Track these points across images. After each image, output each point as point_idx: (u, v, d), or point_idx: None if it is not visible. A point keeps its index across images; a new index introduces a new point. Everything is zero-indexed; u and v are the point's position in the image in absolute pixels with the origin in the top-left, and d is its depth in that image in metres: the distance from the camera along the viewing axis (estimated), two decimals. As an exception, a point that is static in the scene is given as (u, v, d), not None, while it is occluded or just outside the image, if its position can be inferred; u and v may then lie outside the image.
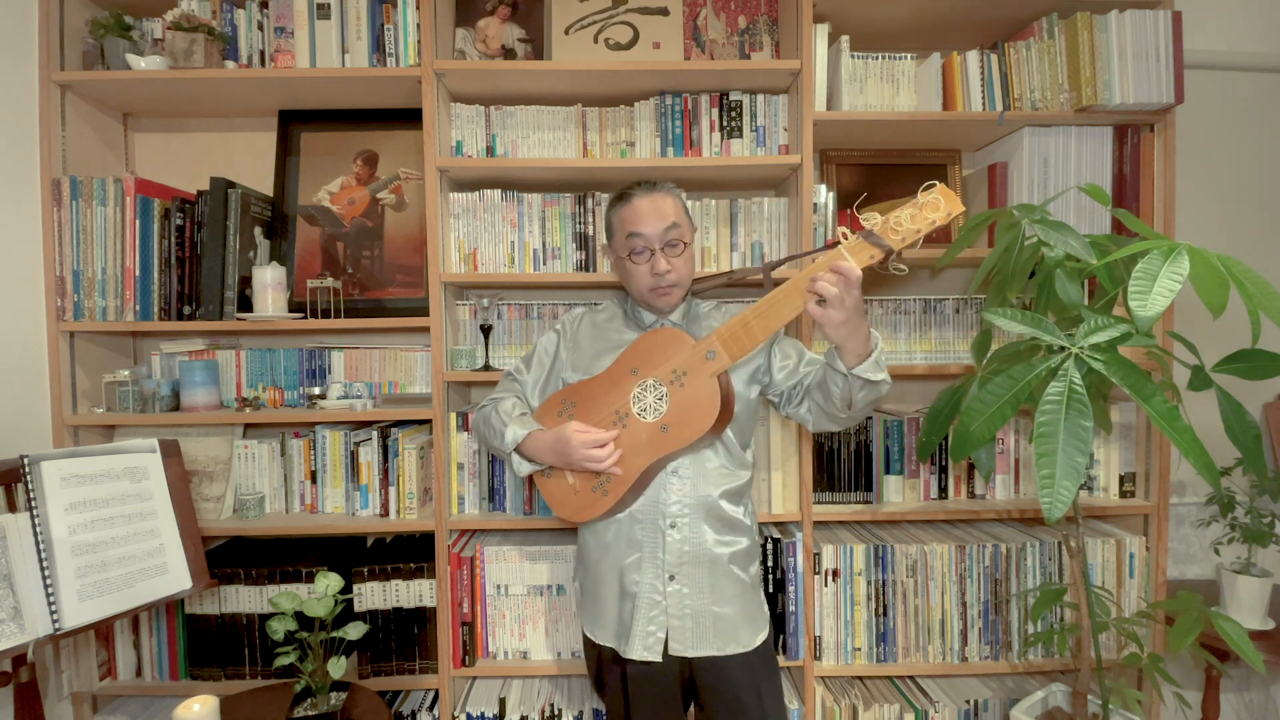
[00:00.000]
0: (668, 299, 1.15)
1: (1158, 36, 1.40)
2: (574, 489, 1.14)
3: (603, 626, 1.18)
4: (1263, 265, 1.67)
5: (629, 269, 1.15)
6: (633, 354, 1.10)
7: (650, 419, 1.07)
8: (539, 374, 1.27)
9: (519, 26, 1.59)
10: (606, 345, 1.20)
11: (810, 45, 1.45)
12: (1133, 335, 0.95)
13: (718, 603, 1.12)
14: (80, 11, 1.52)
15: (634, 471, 1.07)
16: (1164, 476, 1.50)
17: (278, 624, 1.26)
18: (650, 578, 1.11)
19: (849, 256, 0.94)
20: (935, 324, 1.57)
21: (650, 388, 1.08)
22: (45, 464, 1.11)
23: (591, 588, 1.20)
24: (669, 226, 1.12)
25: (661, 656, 1.11)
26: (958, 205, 0.94)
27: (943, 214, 0.93)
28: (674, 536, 1.11)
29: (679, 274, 1.14)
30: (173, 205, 1.51)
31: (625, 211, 1.15)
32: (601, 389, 1.12)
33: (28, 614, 1.05)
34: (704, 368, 1.04)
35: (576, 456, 1.07)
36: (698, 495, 1.12)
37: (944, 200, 0.93)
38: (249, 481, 1.59)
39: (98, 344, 1.59)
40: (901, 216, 0.93)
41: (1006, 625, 1.51)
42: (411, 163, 1.63)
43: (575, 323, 1.27)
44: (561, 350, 1.25)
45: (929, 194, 0.94)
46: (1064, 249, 1.10)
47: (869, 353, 1.00)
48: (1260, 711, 1.79)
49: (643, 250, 1.13)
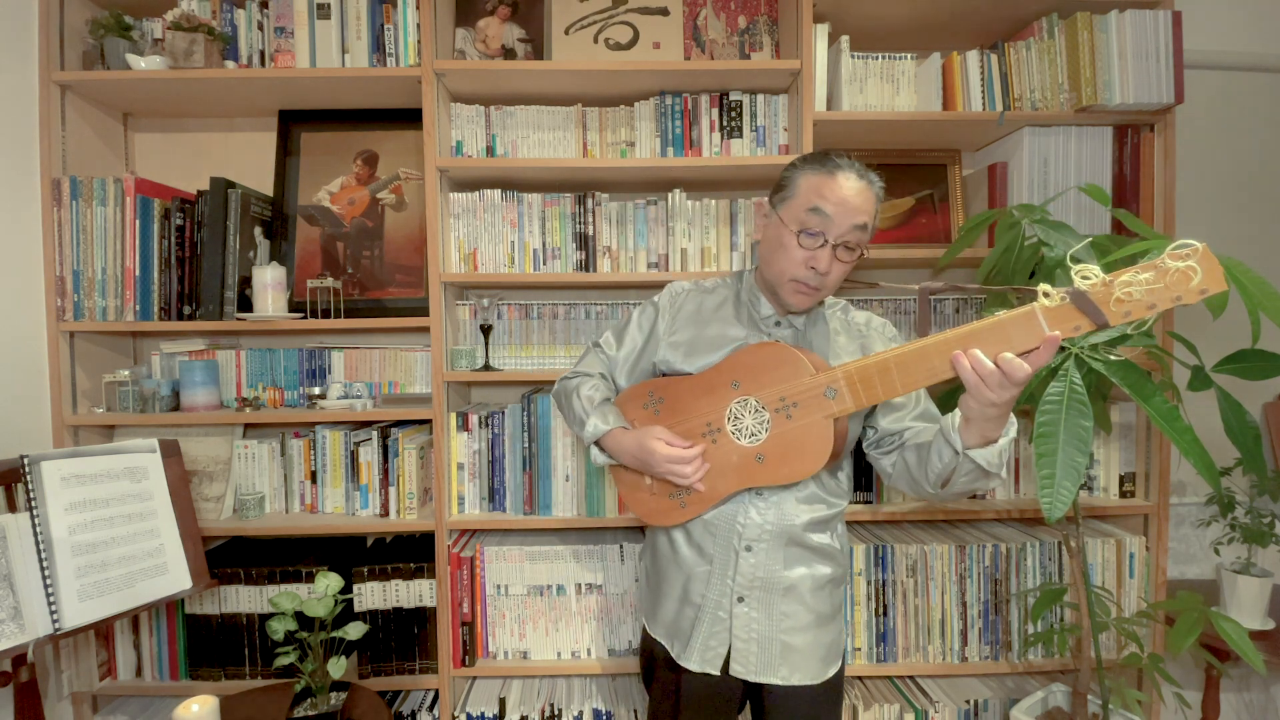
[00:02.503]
0: (803, 300, 0.99)
1: (1158, 36, 1.40)
2: (650, 490, 1.06)
3: (657, 621, 1.11)
4: (1263, 265, 1.67)
5: (784, 243, 0.97)
6: (737, 364, 0.96)
7: (745, 443, 0.95)
8: (630, 350, 1.13)
9: (519, 26, 1.59)
10: (709, 334, 1.06)
11: (810, 45, 1.45)
12: (1132, 335, 0.96)
13: (789, 632, 1.02)
14: (80, 11, 1.52)
15: (718, 494, 0.99)
16: (1164, 476, 1.50)
17: (278, 624, 1.26)
18: (717, 594, 1.03)
19: (1044, 321, 0.72)
20: (935, 324, 1.57)
21: (751, 408, 0.94)
22: (45, 464, 1.11)
23: (655, 582, 1.13)
24: (858, 226, 0.94)
25: (719, 671, 1.03)
26: (1220, 283, 0.68)
27: (1195, 291, 0.68)
28: (748, 560, 1.01)
29: (832, 280, 0.97)
30: (173, 205, 1.51)
31: (823, 181, 0.94)
32: (696, 393, 1.00)
33: (28, 614, 1.05)
34: (820, 405, 0.88)
35: (660, 470, 0.98)
36: (781, 523, 1.00)
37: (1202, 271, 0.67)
38: (249, 481, 1.59)
39: (98, 344, 1.59)
40: (1136, 284, 0.69)
41: (1006, 625, 1.51)
42: (411, 163, 1.63)
43: (680, 298, 1.12)
44: (660, 325, 1.11)
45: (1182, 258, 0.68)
46: (1064, 249, 1.10)
47: (997, 438, 0.84)
48: (1260, 711, 1.79)
49: (817, 234, 0.94)
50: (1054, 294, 0.72)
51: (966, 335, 0.77)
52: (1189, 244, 0.68)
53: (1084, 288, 0.71)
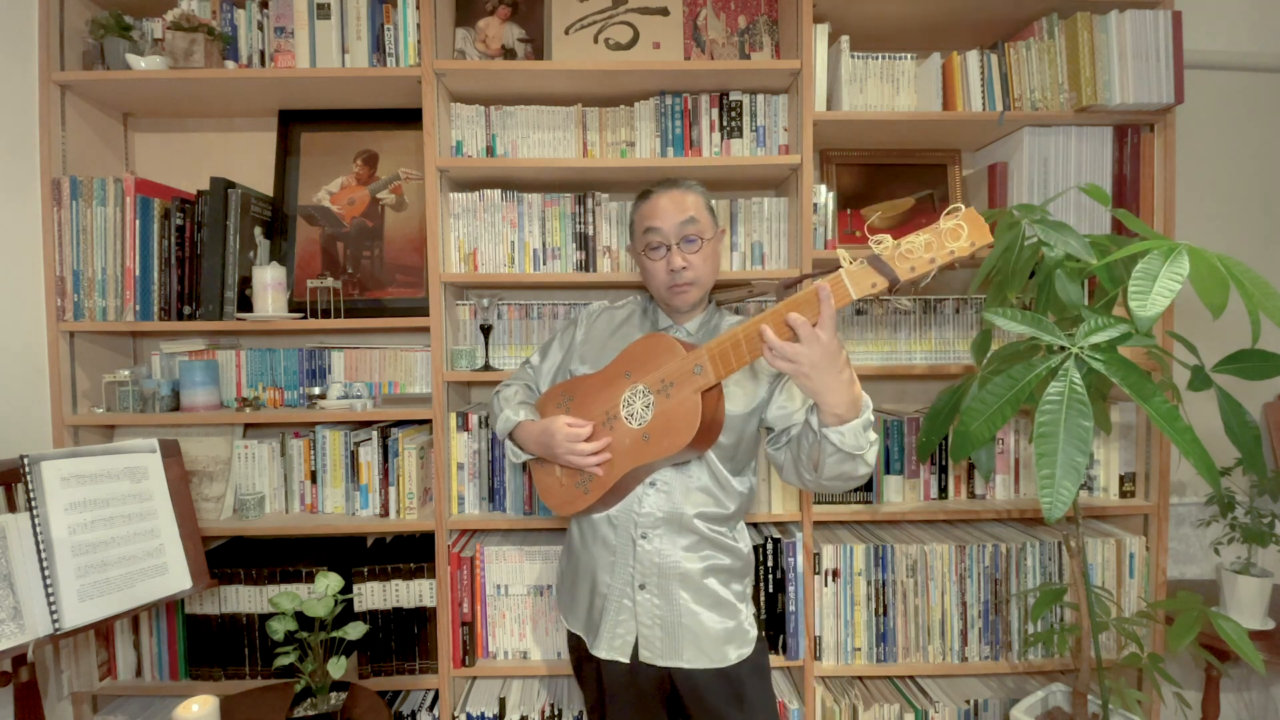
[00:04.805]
0: (684, 297, 1.12)
1: (1158, 36, 1.40)
2: (560, 481, 1.14)
3: (575, 615, 1.17)
4: (1263, 265, 1.67)
5: (646, 266, 1.13)
6: (628, 357, 1.08)
7: (635, 425, 1.04)
8: (553, 361, 1.26)
9: (519, 26, 1.59)
10: (616, 342, 1.18)
11: (810, 45, 1.45)
12: (1133, 335, 0.96)
13: (689, 616, 1.08)
14: (80, 11, 1.52)
15: (614, 475, 1.06)
16: (1164, 476, 1.50)
17: (278, 624, 1.26)
18: (621, 583, 1.10)
19: (848, 283, 0.85)
20: (935, 324, 1.57)
21: (640, 394, 1.04)
22: (45, 464, 1.11)
23: (570, 576, 1.20)
24: (686, 220, 1.09)
25: (629, 659, 1.10)
26: (985, 235, 0.81)
27: (965, 244, 0.81)
28: (644, 547, 1.08)
29: (696, 271, 1.10)
30: (173, 205, 1.51)
31: (645, 207, 1.14)
32: (597, 387, 1.11)
33: (28, 614, 1.05)
34: (690, 381, 0.98)
35: (560, 450, 1.06)
36: (673, 510, 1.08)
37: (968, 228, 0.81)
38: (249, 481, 1.59)
39: (98, 344, 1.59)
40: (916, 243, 0.83)
41: (1006, 625, 1.51)
42: (411, 163, 1.63)
43: (595, 315, 1.25)
44: (577, 339, 1.23)
45: (951, 219, 0.82)
46: (1064, 249, 1.10)
47: (854, 417, 0.91)
48: (1260, 711, 1.79)
49: (659, 246, 1.10)
50: (852, 260, 0.86)
51: (787, 304, 0.89)
52: (959, 207, 0.83)
53: (877, 250, 0.85)
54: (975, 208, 0.86)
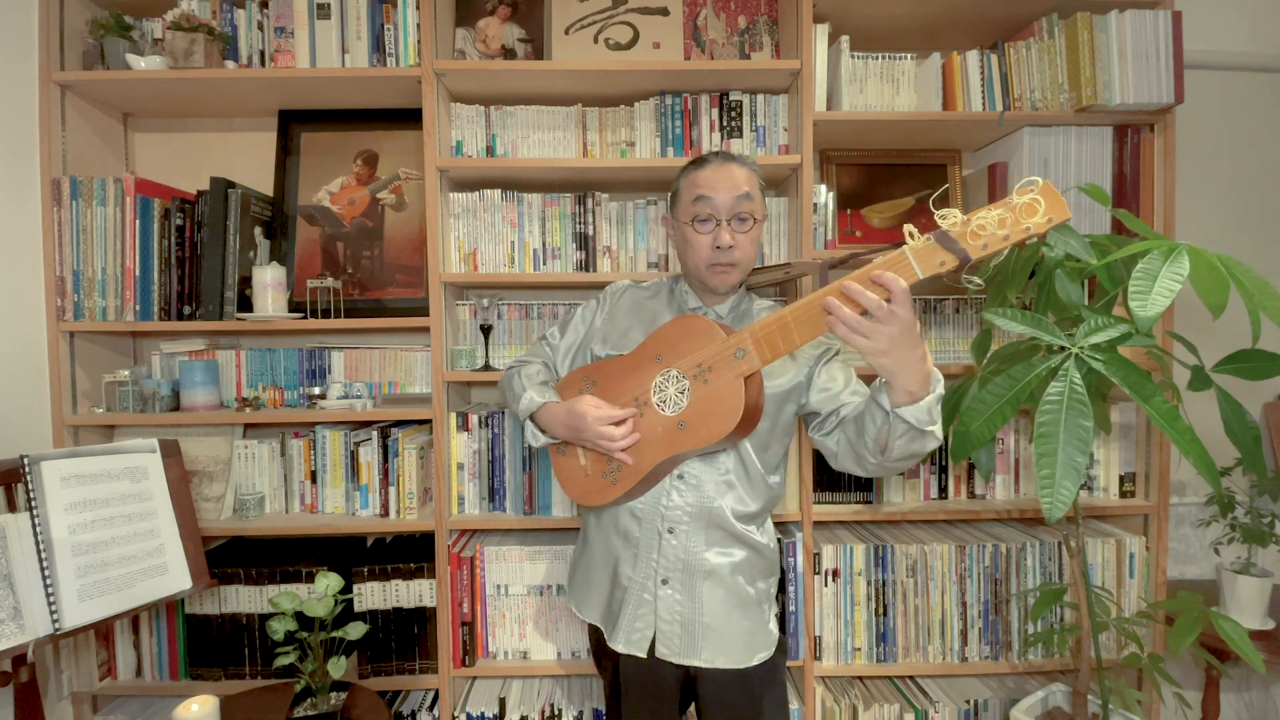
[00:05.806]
0: (725, 278, 1.07)
1: (1158, 36, 1.40)
2: (585, 470, 1.09)
3: (590, 606, 1.14)
4: (1263, 265, 1.67)
5: (689, 238, 1.06)
6: (660, 339, 1.02)
7: (669, 412, 0.99)
8: (572, 340, 1.21)
9: (519, 26, 1.59)
10: (641, 323, 1.13)
11: (810, 45, 1.45)
12: (1133, 335, 0.95)
13: (711, 615, 1.05)
14: (80, 11, 1.52)
15: (646, 465, 1.01)
16: (1164, 476, 1.50)
17: (278, 624, 1.26)
18: (643, 577, 1.07)
19: (914, 261, 0.79)
20: (935, 324, 1.57)
21: (673, 379, 0.99)
22: (45, 464, 1.11)
23: (585, 566, 1.17)
24: (741, 195, 1.03)
25: (647, 654, 1.07)
26: (1064, 211, 0.75)
27: (1041, 219, 0.75)
28: (670, 541, 1.05)
29: (742, 252, 1.05)
30: (173, 205, 1.51)
31: (696, 175, 1.07)
32: (624, 371, 1.05)
33: (28, 614, 1.05)
34: (731, 366, 0.93)
35: (590, 434, 1.01)
36: (701, 504, 1.05)
37: (1045, 203, 0.75)
38: (249, 481, 1.59)
39: (98, 344, 1.59)
40: (989, 219, 0.76)
41: (1006, 625, 1.51)
42: (411, 163, 1.63)
43: (618, 294, 1.20)
44: (597, 319, 1.18)
45: (1026, 193, 0.76)
46: (1064, 249, 1.10)
47: (926, 393, 0.86)
48: (1260, 711, 1.79)
49: (708, 219, 1.04)
50: (919, 236, 0.79)
51: (840, 282, 0.83)
52: (1034, 180, 0.76)
53: (945, 227, 0.78)
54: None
